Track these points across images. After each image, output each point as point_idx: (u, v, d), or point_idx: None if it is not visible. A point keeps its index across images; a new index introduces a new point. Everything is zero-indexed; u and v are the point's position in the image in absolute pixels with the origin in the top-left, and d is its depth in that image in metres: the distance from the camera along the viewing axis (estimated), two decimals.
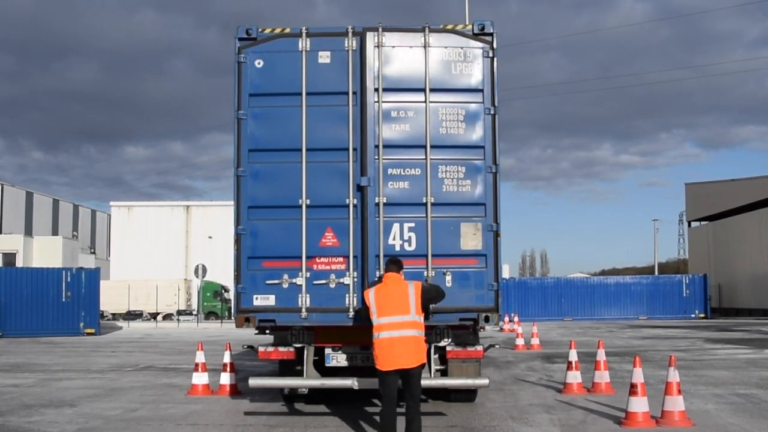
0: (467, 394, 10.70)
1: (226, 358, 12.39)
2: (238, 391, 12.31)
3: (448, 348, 9.27)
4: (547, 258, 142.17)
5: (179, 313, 52.73)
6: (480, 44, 9.21)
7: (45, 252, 53.86)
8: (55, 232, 78.85)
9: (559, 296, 47.62)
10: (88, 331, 33.29)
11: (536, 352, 21.05)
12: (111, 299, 51.49)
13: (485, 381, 9.36)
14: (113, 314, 54.32)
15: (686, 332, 31.11)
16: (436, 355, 9.25)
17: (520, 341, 22.25)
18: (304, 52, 9.19)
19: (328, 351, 9.47)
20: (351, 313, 9.01)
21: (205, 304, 53.47)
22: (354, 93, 9.15)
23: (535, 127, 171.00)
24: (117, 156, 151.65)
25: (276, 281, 9.11)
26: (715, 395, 11.67)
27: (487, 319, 8.96)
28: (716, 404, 10.77)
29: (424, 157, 9.09)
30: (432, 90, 9.16)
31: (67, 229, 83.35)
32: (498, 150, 9.08)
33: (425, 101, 9.16)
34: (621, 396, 10.75)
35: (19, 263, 50.27)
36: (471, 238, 9.02)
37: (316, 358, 9.47)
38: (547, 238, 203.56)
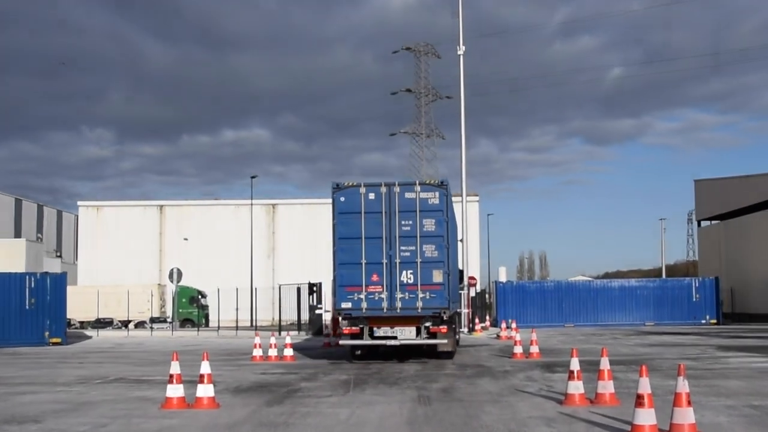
0: (447, 354, 21.76)
1: (204, 369, 12.36)
2: (216, 404, 12.29)
3: (430, 326, 20.47)
4: (547, 260, 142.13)
5: (152, 320, 52.55)
6: (441, 189, 20.55)
7: (6, 256, 53.52)
8: (17, 234, 78.49)
9: (560, 301, 47.74)
10: (54, 340, 33.13)
11: (535, 360, 21.10)
12: (79, 306, 51.27)
13: (444, 341, 20.79)
14: (81, 322, 54.12)
15: (696, 339, 31.24)
16: (425, 330, 20.53)
17: (518, 349, 22.29)
18: (362, 194, 20.61)
19: (374, 328, 20.68)
20: (384, 310, 20.33)
21: (180, 310, 53.36)
22: (385, 213, 20.49)
23: (538, 120, 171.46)
24: None
25: (351, 296, 20.37)
26: (728, 407, 11.72)
27: (444, 312, 20.21)
28: (729, 417, 10.81)
29: (416, 241, 20.39)
30: (420, 211, 20.45)
31: (31, 231, 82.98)
32: (450, 237, 20.66)
33: (417, 216, 20.44)
34: (626, 408, 10.79)
35: None
36: (437, 276, 20.30)
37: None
38: (547, 238, 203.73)
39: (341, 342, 21.36)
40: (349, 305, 20.34)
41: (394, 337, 20.56)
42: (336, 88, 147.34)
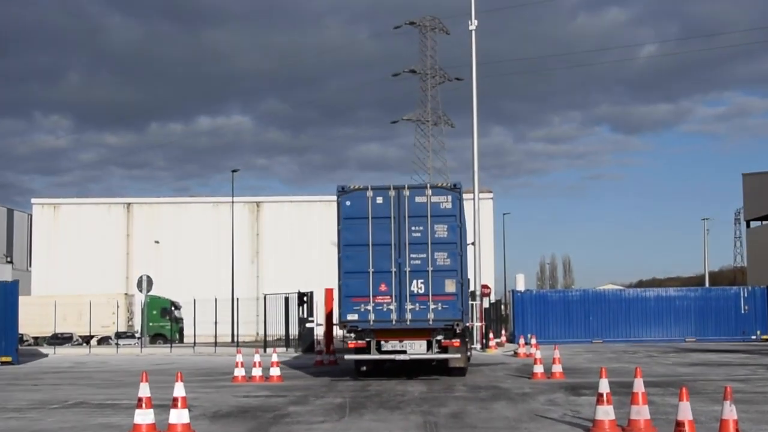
0: (460, 371, 22.62)
1: (177, 391, 12.34)
2: None
3: (442, 340, 21.46)
4: (572, 266, 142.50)
5: (118, 335, 52.58)
6: (454, 193, 21.63)
7: None
8: None
9: (587, 313, 47.75)
10: (3, 359, 33.11)
11: (558, 381, 21.10)
12: (33, 319, 51.23)
13: (457, 355, 21.80)
14: (36, 338, 54.12)
15: (745, 358, 31.23)
16: (436, 344, 21.47)
17: (538, 368, 22.29)
18: (369, 198, 21.65)
19: (382, 342, 21.58)
20: (393, 322, 21.35)
21: (150, 324, 53.39)
22: (394, 218, 21.54)
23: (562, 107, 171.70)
24: None
25: (358, 307, 21.37)
26: None
27: (457, 325, 21.24)
28: None
29: (427, 248, 21.39)
30: (431, 216, 21.47)
31: None
32: (463, 244, 21.82)
33: (428, 222, 21.46)
34: None
35: None
36: (450, 286, 21.34)
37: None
38: (571, 241, 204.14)
39: (346, 357, 22.27)
40: (355, 317, 21.32)
41: (404, 352, 21.52)
42: (327, 68, 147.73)
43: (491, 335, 39.38)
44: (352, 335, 21.56)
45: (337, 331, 33.95)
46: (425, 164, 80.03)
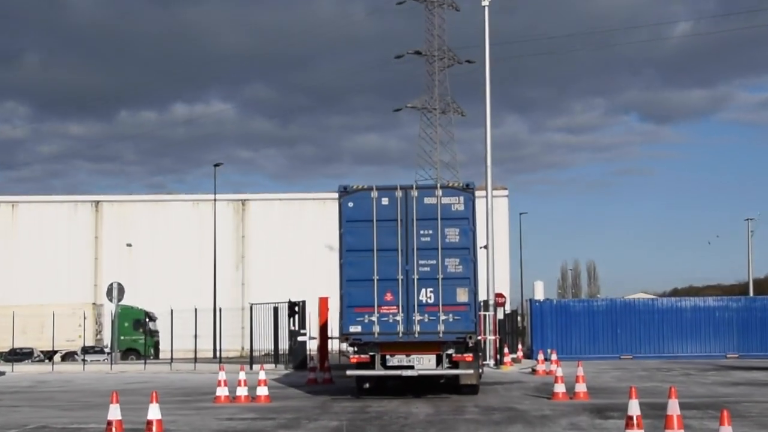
0: (471, 389, 23.06)
1: (152, 414, 12.36)
2: None
3: (453, 354, 21.99)
4: (597, 272, 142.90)
5: (85, 350, 52.53)
6: (466, 193, 22.24)
7: None
8: None
9: (614, 325, 47.73)
10: None
11: (582, 402, 21.09)
12: None
13: (469, 371, 22.32)
14: None
15: None
16: (447, 358, 21.96)
17: (559, 388, 22.29)
18: (374, 199, 22.21)
19: (387, 356, 22.15)
20: (400, 334, 21.94)
21: (122, 337, 53.35)
22: (401, 220, 22.18)
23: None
24: None
25: (361, 318, 21.91)
26: None
27: (470, 337, 21.74)
28: None
29: (438, 254, 22.03)
30: (442, 219, 22.07)
31: None
32: (476, 250, 22.51)
33: (438, 225, 22.05)
34: None
35: None
36: (462, 295, 21.98)
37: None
38: (597, 244, 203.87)
39: (348, 373, 22.77)
40: (358, 329, 21.96)
41: (411, 367, 22.04)
42: (319, 49, 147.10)
43: (506, 350, 39.39)
44: (355, 349, 22.10)
45: (333, 346, 34.00)
46: (432, 157, 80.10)
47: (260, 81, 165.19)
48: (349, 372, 22.70)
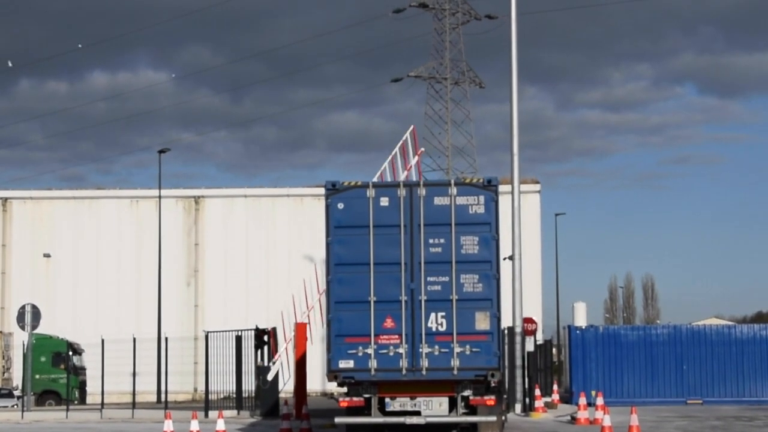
0: None
1: None
2: None
3: (470, 397, 22.05)
4: (655, 291, 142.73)
5: None
6: (488, 192, 22.15)
7: None
8: None
9: (679, 359, 47.73)
10: None
11: None
12: None
13: (492, 418, 22.33)
14: None
15: None
16: (462, 402, 22.03)
17: None
18: (371, 198, 22.22)
19: (387, 400, 22.17)
20: (403, 371, 21.84)
21: (37, 376, 53.19)
22: (405, 226, 22.20)
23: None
24: None
25: (354, 351, 21.87)
26: None
27: (492, 375, 21.76)
28: None
29: (451, 269, 21.98)
30: (457, 224, 22.07)
31: None
32: (500, 263, 22.40)
33: (452, 232, 22.05)
34: None
35: None
36: (482, 322, 21.85)
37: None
38: (654, 255, 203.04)
39: (337, 421, 22.79)
40: (350, 364, 21.84)
41: (417, 413, 21.83)
42: (278, 1, 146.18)
43: (537, 392, 39.49)
44: (346, 390, 22.02)
45: (313, 385, 34.05)
46: (442, 142, 79.99)
47: (202, 43, 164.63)
48: (338, 420, 22.65)
